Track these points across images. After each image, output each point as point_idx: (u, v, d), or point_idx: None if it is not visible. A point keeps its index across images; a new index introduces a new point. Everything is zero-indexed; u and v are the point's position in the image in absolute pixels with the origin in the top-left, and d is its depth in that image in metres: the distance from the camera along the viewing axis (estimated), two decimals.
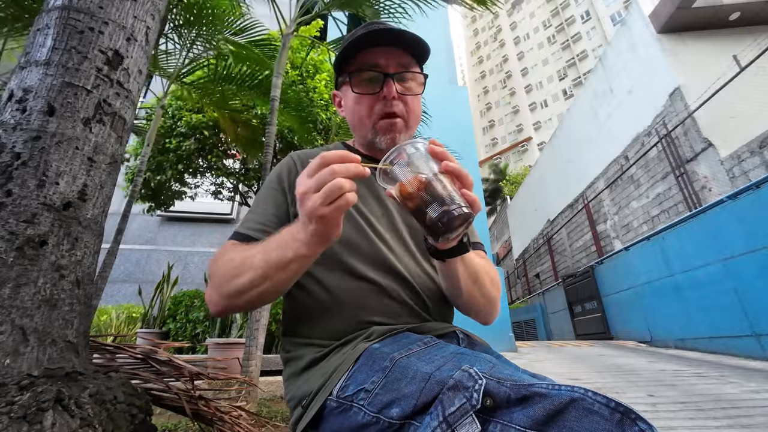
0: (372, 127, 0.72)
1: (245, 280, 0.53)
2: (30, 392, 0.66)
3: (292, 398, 0.61)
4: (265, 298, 0.56)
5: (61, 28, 0.97)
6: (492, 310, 0.70)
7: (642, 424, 0.33)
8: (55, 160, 0.88)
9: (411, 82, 0.72)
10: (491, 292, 0.67)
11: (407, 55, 0.72)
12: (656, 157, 7.55)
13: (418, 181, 0.48)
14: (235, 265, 0.55)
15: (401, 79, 0.71)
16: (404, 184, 0.49)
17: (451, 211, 0.46)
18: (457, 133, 7.37)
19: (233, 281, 0.54)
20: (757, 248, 3.97)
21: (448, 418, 0.38)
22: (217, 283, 0.57)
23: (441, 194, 0.47)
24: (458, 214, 0.46)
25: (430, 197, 0.47)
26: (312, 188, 0.44)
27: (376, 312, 0.63)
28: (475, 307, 0.68)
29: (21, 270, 0.78)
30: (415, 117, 0.74)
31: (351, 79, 0.71)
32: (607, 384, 2.92)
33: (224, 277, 0.56)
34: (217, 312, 0.59)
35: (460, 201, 0.46)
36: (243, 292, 0.54)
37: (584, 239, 10.46)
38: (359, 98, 0.71)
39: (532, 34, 45.09)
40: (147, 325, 4.65)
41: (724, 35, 7.19)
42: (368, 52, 0.71)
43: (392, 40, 0.70)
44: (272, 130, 2.73)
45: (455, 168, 0.49)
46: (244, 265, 0.54)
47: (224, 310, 0.58)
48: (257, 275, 0.52)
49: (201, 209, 8.57)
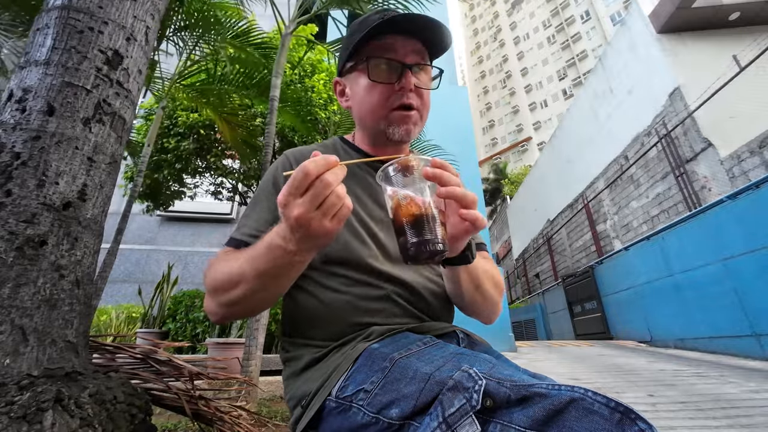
0: (385, 117, 0.68)
1: (239, 292, 0.53)
2: (30, 392, 0.66)
3: (291, 398, 0.61)
4: (263, 306, 0.56)
5: (60, 28, 0.97)
6: (494, 311, 0.70)
7: (642, 423, 0.33)
8: (55, 159, 0.88)
9: (425, 75, 0.70)
10: (494, 295, 0.67)
11: (422, 46, 0.69)
12: (656, 157, 7.55)
13: (406, 201, 0.48)
14: (229, 276, 0.55)
15: (418, 72, 0.68)
16: (394, 198, 0.50)
17: (422, 244, 0.46)
18: (457, 133, 7.37)
19: (229, 292, 0.54)
20: (757, 248, 3.97)
21: (447, 418, 0.38)
22: (213, 293, 0.57)
23: (421, 225, 0.47)
24: (428, 249, 0.46)
25: (410, 222, 0.47)
26: (308, 208, 0.42)
27: (375, 314, 0.63)
28: (477, 309, 0.68)
29: (21, 270, 0.78)
30: (428, 112, 0.72)
31: (367, 67, 0.67)
32: (607, 384, 2.92)
33: (219, 287, 0.56)
34: (216, 321, 0.59)
35: (437, 237, 0.47)
36: (239, 302, 0.54)
37: (584, 239, 10.46)
38: (372, 87, 0.67)
39: (532, 34, 45.08)
40: (147, 325, 4.64)
41: (724, 35, 7.19)
42: (385, 39, 0.66)
43: (411, 27, 0.66)
44: (271, 130, 2.73)
45: (451, 193, 0.48)
46: (237, 276, 0.53)
47: (223, 319, 0.58)
48: (250, 287, 0.52)
49: (201, 209, 8.57)
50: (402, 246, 0.48)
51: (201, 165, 4.70)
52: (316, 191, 0.42)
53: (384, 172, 0.50)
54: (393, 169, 0.50)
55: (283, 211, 0.44)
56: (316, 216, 0.42)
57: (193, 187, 5.09)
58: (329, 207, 0.43)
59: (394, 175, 0.50)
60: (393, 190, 0.50)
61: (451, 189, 0.48)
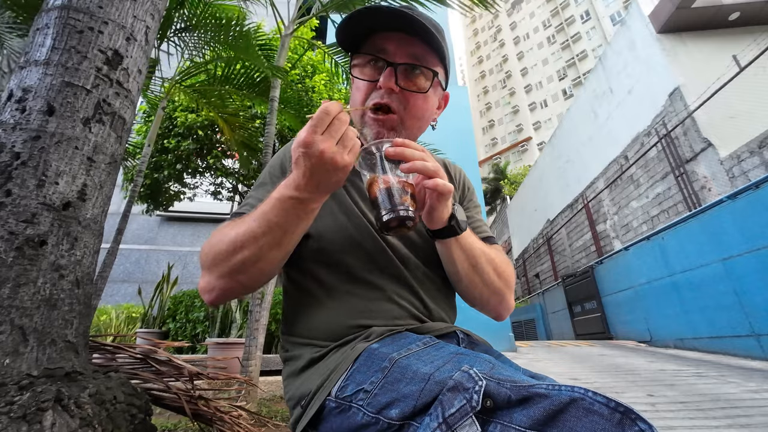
0: (362, 116, 0.64)
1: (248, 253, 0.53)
2: (30, 392, 0.66)
3: (291, 398, 0.61)
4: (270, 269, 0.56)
5: (60, 28, 0.97)
6: (500, 303, 0.68)
7: (642, 423, 0.33)
8: (55, 159, 0.88)
9: (421, 78, 0.64)
10: (495, 282, 0.66)
11: (425, 46, 0.63)
12: (656, 157, 7.55)
13: (371, 180, 0.54)
14: (234, 239, 0.53)
15: (408, 72, 0.63)
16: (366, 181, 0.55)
17: (389, 212, 0.50)
18: (457, 133, 7.37)
19: (234, 256, 0.53)
20: (757, 248, 3.97)
21: (447, 419, 0.38)
22: (213, 264, 0.55)
23: (385, 196, 0.51)
24: (396, 216, 0.49)
25: (376, 197, 0.52)
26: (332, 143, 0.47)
27: (376, 315, 0.62)
28: (478, 295, 0.67)
29: (20, 270, 0.78)
30: (416, 118, 0.66)
31: (355, 63, 0.66)
32: (607, 384, 2.92)
33: (221, 255, 0.54)
34: (213, 299, 0.56)
35: (403, 205, 0.50)
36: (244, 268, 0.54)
37: (584, 239, 10.46)
38: (358, 84, 0.66)
39: (532, 34, 45.09)
40: (147, 325, 4.64)
41: (724, 35, 7.19)
42: (380, 36, 0.64)
43: (409, 26, 0.61)
44: (271, 130, 2.73)
45: (412, 167, 0.52)
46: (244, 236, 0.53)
47: (222, 295, 0.56)
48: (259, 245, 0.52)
49: (201, 209, 8.58)
50: (376, 218, 0.52)
51: (201, 165, 4.70)
52: (337, 126, 0.47)
53: (357, 161, 0.54)
54: (361, 158, 0.55)
55: (306, 150, 0.47)
56: (339, 150, 0.47)
57: (193, 188, 5.10)
58: (348, 140, 0.48)
59: (362, 161, 0.55)
60: (364, 174, 0.55)
61: (412, 163, 0.51)
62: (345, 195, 0.69)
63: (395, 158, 0.52)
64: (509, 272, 0.69)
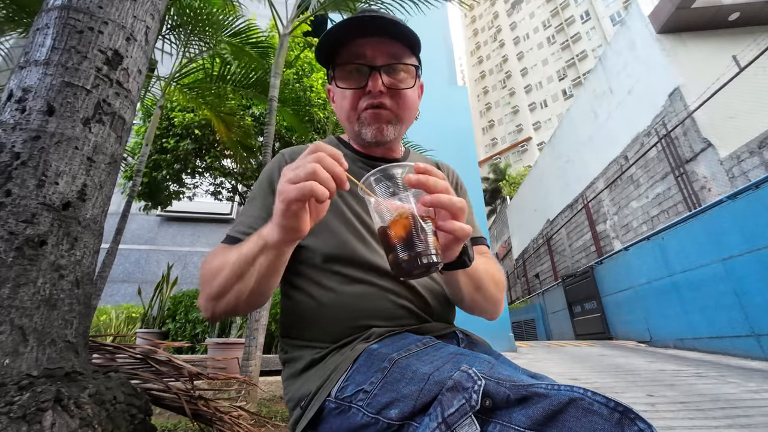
0: (357, 119, 0.68)
1: (221, 280, 0.54)
2: (29, 392, 0.65)
3: (290, 399, 0.61)
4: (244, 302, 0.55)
5: (60, 28, 0.97)
6: (496, 309, 0.69)
7: (641, 423, 0.33)
8: (55, 159, 0.88)
9: (402, 74, 0.68)
10: (495, 295, 0.66)
11: (399, 45, 0.67)
12: (656, 158, 7.55)
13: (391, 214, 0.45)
14: (215, 267, 0.55)
15: (391, 72, 0.67)
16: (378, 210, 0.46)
17: (414, 258, 0.42)
18: (457, 134, 7.37)
19: (211, 283, 0.55)
20: (757, 248, 3.97)
21: (447, 419, 0.38)
22: (201, 286, 0.58)
23: (410, 237, 0.43)
24: (421, 263, 0.42)
25: (399, 236, 0.44)
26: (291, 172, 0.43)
27: (375, 315, 0.62)
28: (479, 308, 0.67)
29: (20, 270, 0.78)
30: (408, 110, 0.70)
31: (335, 73, 0.68)
32: (607, 384, 2.92)
33: (205, 280, 0.56)
34: (207, 317, 0.58)
35: (430, 249, 0.43)
36: (220, 294, 0.54)
37: (584, 239, 10.46)
38: (344, 93, 0.68)
39: (532, 34, 45.09)
40: (146, 325, 4.64)
41: (724, 35, 7.19)
42: (354, 44, 0.66)
43: (380, 29, 0.65)
44: (271, 130, 2.73)
45: (436, 201, 0.44)
46: (221, 265, 0.54)
47: (212, 315, 0.57)
48: (231, 272, 0.53)
49: (200, 209, 8.57)
50: (392, 262, 0.44)
51: (200, 165, 4.69)
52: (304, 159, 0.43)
53: (365, 183, 0.47)
54: (374, 180, 0.46)
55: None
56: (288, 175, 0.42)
57: (193, 187, 5.09)
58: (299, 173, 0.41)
59: (376, 186, 0.46)
60: (376, 201, 0.46)
61: (436, 197, 0.44)
62: (339, 200, 0.70)
63: (416, 187, 0.45)
64: (503, 278, 0.70)
